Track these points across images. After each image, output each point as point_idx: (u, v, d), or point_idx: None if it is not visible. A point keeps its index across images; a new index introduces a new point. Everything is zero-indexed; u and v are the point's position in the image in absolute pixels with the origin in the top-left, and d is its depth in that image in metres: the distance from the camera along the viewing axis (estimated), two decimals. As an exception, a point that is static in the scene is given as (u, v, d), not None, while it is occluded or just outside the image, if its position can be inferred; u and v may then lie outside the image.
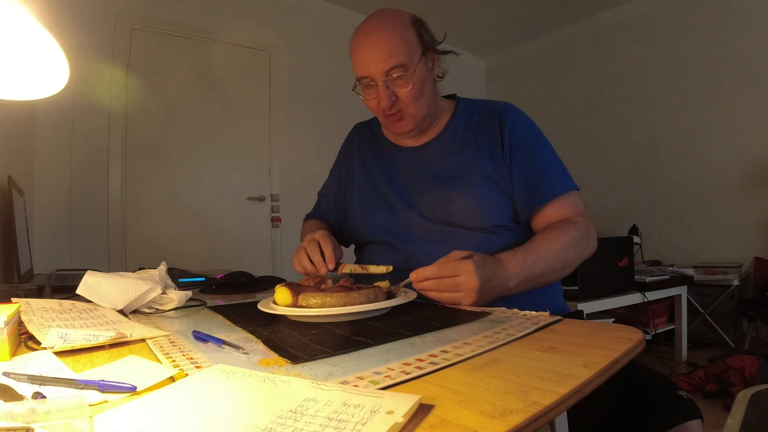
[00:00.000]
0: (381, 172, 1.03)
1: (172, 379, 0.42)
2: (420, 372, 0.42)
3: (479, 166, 0.92)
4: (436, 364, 0.44)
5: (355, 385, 0.39)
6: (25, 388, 0.38)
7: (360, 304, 0.64)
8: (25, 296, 0.77)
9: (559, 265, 0.83)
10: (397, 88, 0.89)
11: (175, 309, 0.80)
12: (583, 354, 0.45)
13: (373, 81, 0.89)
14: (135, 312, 0.78)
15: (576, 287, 1.98)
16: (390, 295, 0.71)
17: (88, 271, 0.77)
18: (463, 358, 0.46)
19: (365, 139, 1.11)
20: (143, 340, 0.57)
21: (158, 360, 0.49)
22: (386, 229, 0.98)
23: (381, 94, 0.89)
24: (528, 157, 0.91)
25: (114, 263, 2.54)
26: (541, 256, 0.80)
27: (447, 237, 0.91)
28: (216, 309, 0.80)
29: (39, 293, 0.85)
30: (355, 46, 0.90)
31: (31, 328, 0.57)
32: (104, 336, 0.54)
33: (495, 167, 0.91)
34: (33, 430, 0.28)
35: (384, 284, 0.75)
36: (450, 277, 0.70)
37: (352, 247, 1.13)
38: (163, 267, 0.89)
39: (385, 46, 0.86)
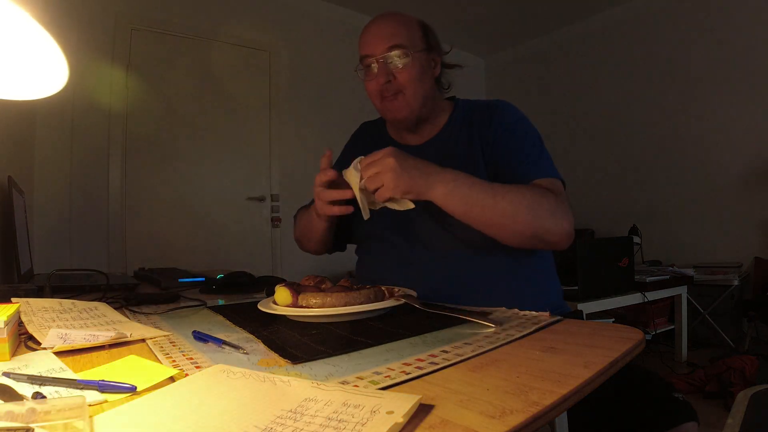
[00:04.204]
0: None
1: (172, 379, 0.42)
2: (420, 372, 0.42)
3: (474, 164, 0.92)
4: (436, 364, 0.44)
5: (355, 386, 0.39)
6: (25, 388, 0.38)
7: (360, 304, 0.64)
8: (25, 296, 0.77)
9: (509, 208, 0.76)
10: (397, 68, 0.91)
11: (175, 309, 0.80)
12: (583, 354, 0.45)
13: (374, 60, 0.91)
14: (135, 312, 0.78)
15: (576, 287, 1.98)
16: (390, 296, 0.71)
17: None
18: (463, 358, 0.46)
19: (370, 136, 1.12)
20: (143, 340, 0.57)
21: (158, 360, 0.49)
22: (387, 225, 0.97)
23: (379, 70, 0.91)
24: (510, 145, 0.91)
25: (114, 263, 2.54)
26: (488, 187, 0.78)
27: (447, 235, 0.91)
28: (216, 309, 0.80)
29: (39, 293, 0.85)
30: (362, 32, 0.95)
31: (31, 328, 0.57)
32: (104, 336, 0.54)
33: (485, 163, 0.92)
34: (33, 430, 0.28)
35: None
36: (371, 162, 0.73)
37: (347, 248, 1.12)
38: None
39: (389, 27, 0.92)
